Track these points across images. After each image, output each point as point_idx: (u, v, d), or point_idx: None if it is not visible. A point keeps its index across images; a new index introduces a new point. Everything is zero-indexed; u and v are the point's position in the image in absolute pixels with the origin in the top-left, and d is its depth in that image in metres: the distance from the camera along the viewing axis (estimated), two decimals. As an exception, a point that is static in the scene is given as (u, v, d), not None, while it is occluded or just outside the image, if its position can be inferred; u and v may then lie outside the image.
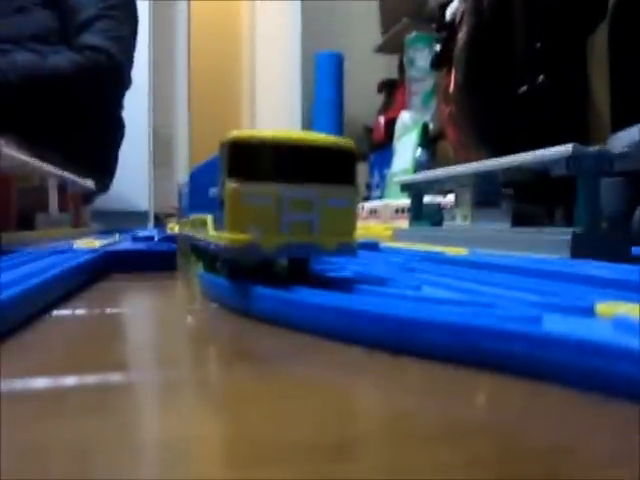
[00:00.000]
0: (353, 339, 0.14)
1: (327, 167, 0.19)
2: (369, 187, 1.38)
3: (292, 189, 0.18)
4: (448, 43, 0.95)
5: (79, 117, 0.94)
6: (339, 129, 1.60)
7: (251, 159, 0.18)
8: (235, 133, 0.18)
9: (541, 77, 0.66)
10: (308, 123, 1.69)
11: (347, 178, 0.19)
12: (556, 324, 0.12)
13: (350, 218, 0.20)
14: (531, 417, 0.10)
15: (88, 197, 0.64)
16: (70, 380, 0.12)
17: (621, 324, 0.12)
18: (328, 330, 0.15)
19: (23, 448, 0.08)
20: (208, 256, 0.23)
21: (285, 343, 0.15)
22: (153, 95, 1.57)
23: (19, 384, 0.11)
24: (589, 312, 0.14)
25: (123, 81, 1.01)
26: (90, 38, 0.93)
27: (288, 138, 0.19)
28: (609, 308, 0.14)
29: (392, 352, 0.13)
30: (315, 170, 0.19)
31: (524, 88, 0.65)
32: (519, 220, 0.35)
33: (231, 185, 0.18)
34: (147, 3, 1.45)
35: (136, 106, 1.25)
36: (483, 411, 0.11)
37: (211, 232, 0.21)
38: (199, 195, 0.26)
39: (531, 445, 0.09)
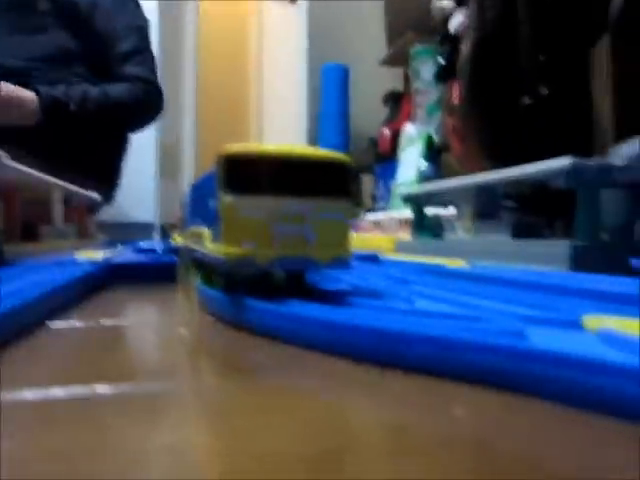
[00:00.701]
0: (343, 352, 0.14)
1: (321, 181, 0.19)
2: (374, 199, 1.38)
3: (286, 203, 0.18)
4: (452, 56, 0.96)
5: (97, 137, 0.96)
6: (345, 141, 1.60)
7: (246, 173, 0.18)
8: (230, 147, 0.19)
9: (544, 89, 0.66)
10: (314, 135, 1.69)
11: (341, 191, 0.19)
12: (540, 337, 0.12)
13: (344, 231, 0.20)
14: (507, 429, 0.10)
15: (93, 208, 0.65)
16: (59, 392, 0.12)
17: (606, 338, 0.12)
18: (319, 343, 0.15)
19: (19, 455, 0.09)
20: (205, 268, 0.23)
21: (277, 355, 0.15)
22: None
23: (11, 396, 0.11)
24: (576, 325, 0.14)
25: (163, 108, 1.04)
26: (135, 69, 0.96)
27: (282, 152, 0.19)
28: (596, 321, 0.14)
29: (380, 365, 0.13)
30: (309, 184, 0.19)
31: (527, 100, 0.65)
32: (520, 232, 0.35)
33: (226, 199, 0.18)
34: (156, 18, 1.47)
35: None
36: (462, 423, 0.11)
37: (208, 244, 0.21)
38: (200, 207, 0.26)
39: (503, 456, 0.09)
